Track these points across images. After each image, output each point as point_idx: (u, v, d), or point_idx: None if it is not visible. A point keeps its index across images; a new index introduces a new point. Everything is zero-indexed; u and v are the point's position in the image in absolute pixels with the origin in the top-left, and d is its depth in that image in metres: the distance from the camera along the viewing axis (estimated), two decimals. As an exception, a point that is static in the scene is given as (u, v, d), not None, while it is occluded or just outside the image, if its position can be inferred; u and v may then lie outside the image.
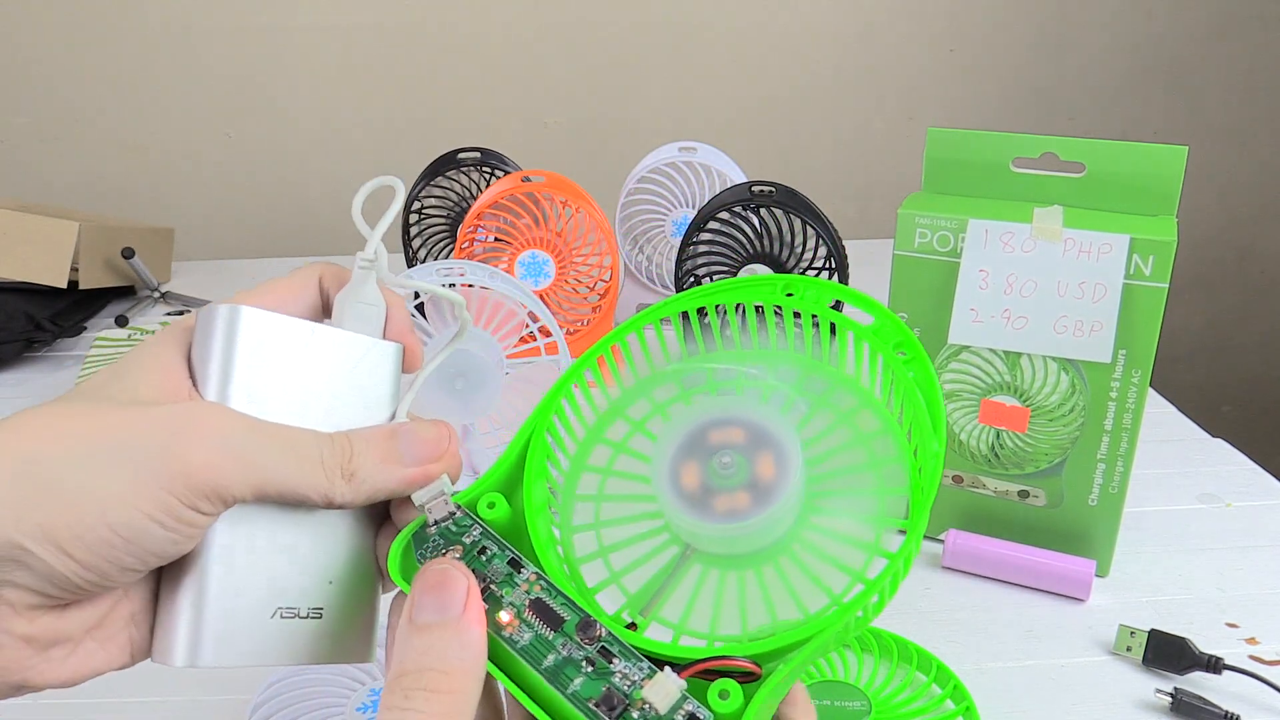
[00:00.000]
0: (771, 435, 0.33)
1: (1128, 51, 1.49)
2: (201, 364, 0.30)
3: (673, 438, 0.33)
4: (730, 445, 0.33)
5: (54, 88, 1.37)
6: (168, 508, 0.27)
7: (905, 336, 0.33)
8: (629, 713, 0.28)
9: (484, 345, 0.64)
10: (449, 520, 0.32)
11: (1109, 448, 0.59)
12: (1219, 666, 0.52)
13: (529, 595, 0.30)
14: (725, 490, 0.32)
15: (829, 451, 0.33)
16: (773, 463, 0.32)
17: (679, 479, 0.32)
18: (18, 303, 0.97)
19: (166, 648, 0.29)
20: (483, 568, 0.31)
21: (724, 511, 0.32)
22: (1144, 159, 0.57)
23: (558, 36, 1.42)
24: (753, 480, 0.32)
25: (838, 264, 0.80)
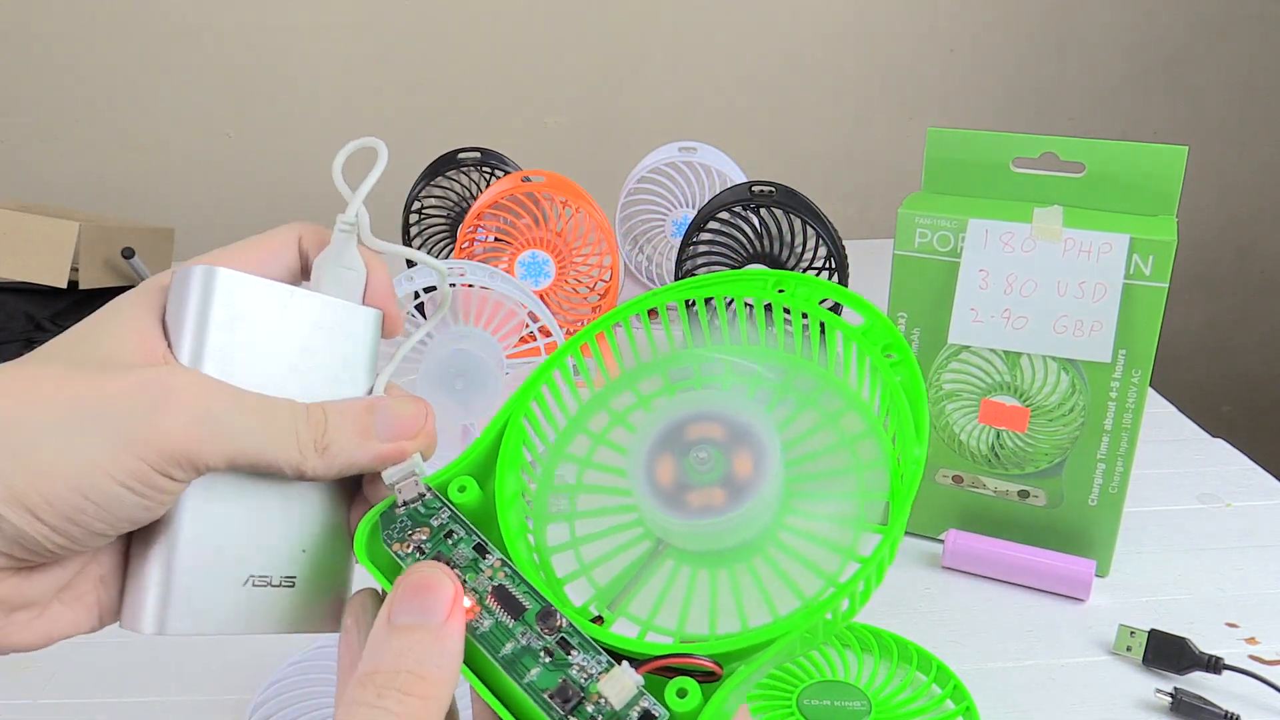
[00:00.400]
0: (751, 433, 0.32)
1: (1128, 51, 1.49)
2: (175, 326, 0.29)
3: (651, 431, 0.33)
4: (708, 440, 0.32)
5: (54, 88, 1.37)
6: (139, 474, 0.27)
7: (894, 339, 0.33)
8: (584, 706, 0.28)
9: (484, 345, 0.64)
10: (418, 502, 0.32)
11: (1109, 448, 0.59)
12: (1219, 666, 0.52)
13: (492, 582, 0.30)
14: (700, 486, 0.31)
15: (811, 453, 0.33)
16: (750, 460, 0.31)
17: (654, 473, 0.32)
18: (17, 303, 0.97)
19: (135, 615, 0.29)
20: (448, 551, 0.31)
21: (698, 507, 0.31)
22: (1144, 159, 0.57)
23: (558, 36, 1.42)
24: (728, 477, 0.31)
25: (838, 264, 0.80)
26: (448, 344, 0.63)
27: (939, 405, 0.63)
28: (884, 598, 0.60)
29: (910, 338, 0.62)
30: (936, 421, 0.63)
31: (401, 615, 0.28)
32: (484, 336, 0.65)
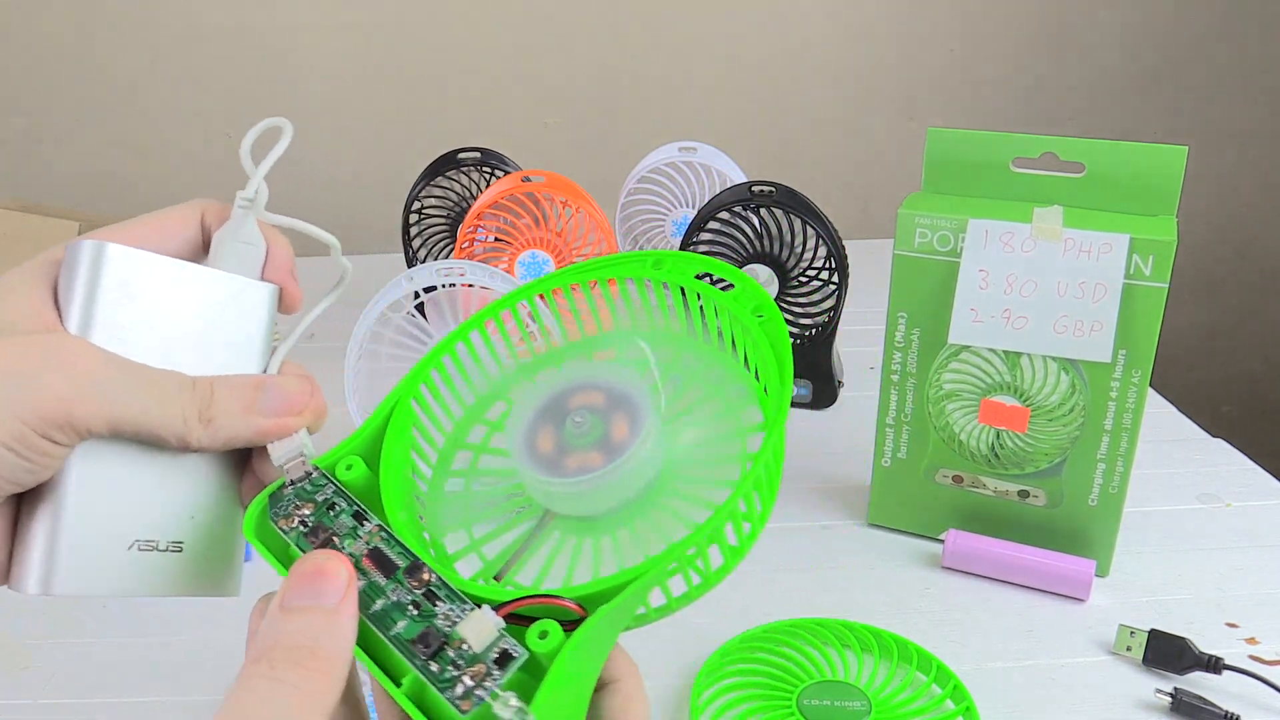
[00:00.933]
0: (628, 397, 0.33)
1: (1128, 51, 1.49)
2: (66, 299, 0.30)
3: (532, 402, 0.34)
4: (587, 407, 0.33)
5: (54, 88, 1.37)
6: (21, 436, 0.27)
7: (763, 300, 0.35)
8: (445, 651, 0.28)
9: None
10: (304, 480, 0.32)
11: (1109, 447, 0.59)
12: (1219, 666, 0.52)
13: (368, 546, 0.30)
14: (578, 449, 0.32)
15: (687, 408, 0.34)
16: (626, 423, 0.32)
17: (535, 443, 0.33)
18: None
19: (21, 575, 0.30)
20: (329, 522, 0.31)
21: (574, 468, 0.32)
22: (1144, 159, 0.57)
23: (558, 37, 1.42)
24: (605, 439, 0.32)
25: (838, 264, 0.80)
26: None
27: (939, 405, 0.63)
28: (884, 597, 0.60)
29: (910, 338, 0.62)
30: (936, 421, 0.63)
31: (295, 599, 0.28)
32: None
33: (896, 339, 0.63)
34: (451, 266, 0.64)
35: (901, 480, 0.65)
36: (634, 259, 0.37)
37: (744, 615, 0.59)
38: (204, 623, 0.59)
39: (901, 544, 0.66)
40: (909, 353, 0.63)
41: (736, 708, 0.50)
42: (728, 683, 0.52)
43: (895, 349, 0.63)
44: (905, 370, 0.63)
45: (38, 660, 0.55)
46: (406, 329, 0.64)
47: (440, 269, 0.64)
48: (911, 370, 0.63)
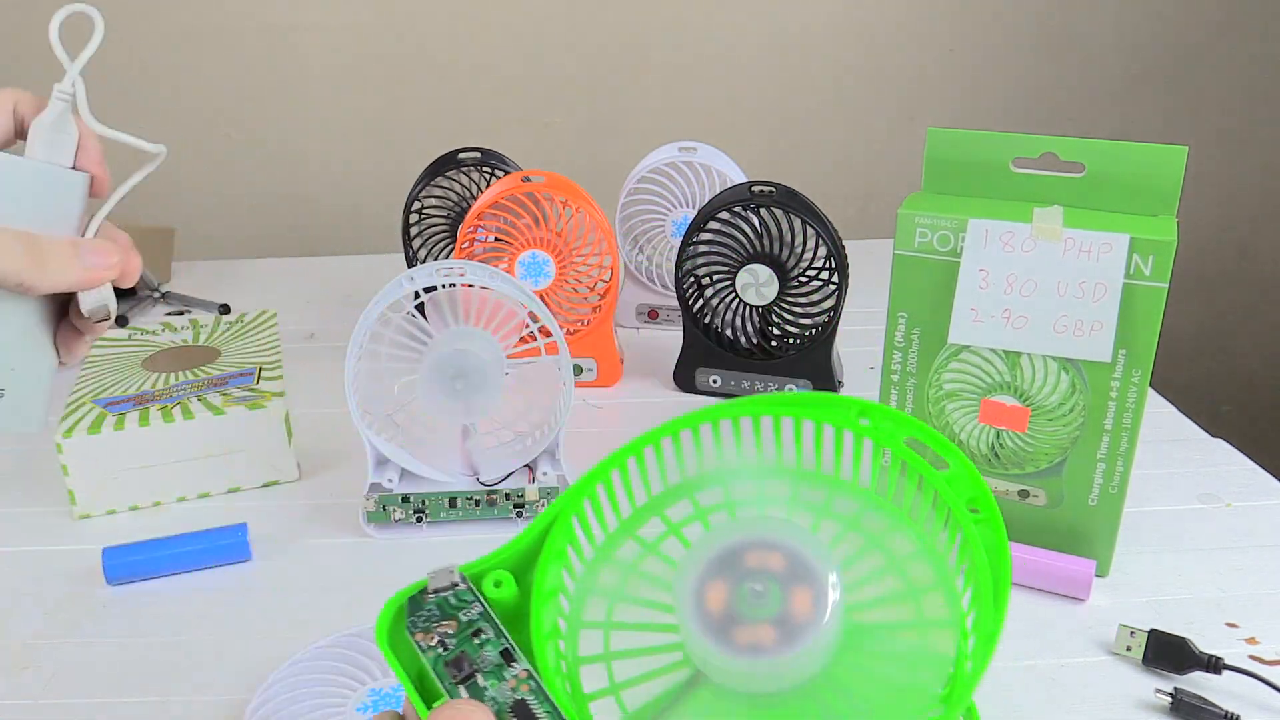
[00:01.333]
0: (813, 569, 0.29)
1: (1128, 51, 1.49)
2: None
3: (706, 550, 0.30)
4: (766, 571, 0.29)
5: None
6: None
7: (981, 492, 0.31)
8: None
9: (484, 345, 0.64)
10: (449, 591, 0.31)
11: (1109, 447, 0.59)
12: (1219, 666, 0.52)
13: (515, 694, 0.29)
14: (751, 621, 0.29)
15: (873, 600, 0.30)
16: (810, 599, 0.29)
17: (704, 598, 0.29)
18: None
19: None
20: (474, 652, 0.30)
21: (745, 645, 0.28)
22: (1144, 159, 0.57)
23: (558, 37, 1.42)
24: (784, 615, 0.29)
25: (838, 264, 0.80)
26: (448, 344, 0.63)
27: (939, 405, 0.63)
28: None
29: (910, 337, 0.62)
30: (937, 421, 0.63)
31: None
32: (484, 337, 0.65)
33: (896, 339, 0.63)
34: (451, 266, 0.64)
35: (901, 480, 0.65)
36: (839, 405, 0.33)
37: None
38: (204, 622, 0.59)
39: (901, 544, 0.66)
40: (909, 352, 0.63)
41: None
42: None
43: (895, 349, 0.63)
44: (905, 370, 0.63)
45: (37, 660, 0.55)
46: (406, 329, 0.64)
47: (440, 269, 0.64)
48: (911, 370, 0.63)
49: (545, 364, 0.65)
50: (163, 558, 0.62)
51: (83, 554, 0.65)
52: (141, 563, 0.62)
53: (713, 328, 0.86)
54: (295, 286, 1.11)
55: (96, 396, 0.71)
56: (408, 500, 0.67)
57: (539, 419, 0.67)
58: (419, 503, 0.67)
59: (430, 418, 0.65)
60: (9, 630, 0.58)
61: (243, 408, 0.71)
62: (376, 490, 0.66)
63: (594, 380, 0.89)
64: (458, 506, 0.67)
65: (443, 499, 0.67)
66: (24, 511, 0.70)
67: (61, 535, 0.67)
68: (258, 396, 0.72)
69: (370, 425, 0.65)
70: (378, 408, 0.65)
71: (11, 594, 0.62)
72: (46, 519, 0.69)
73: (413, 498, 0.67)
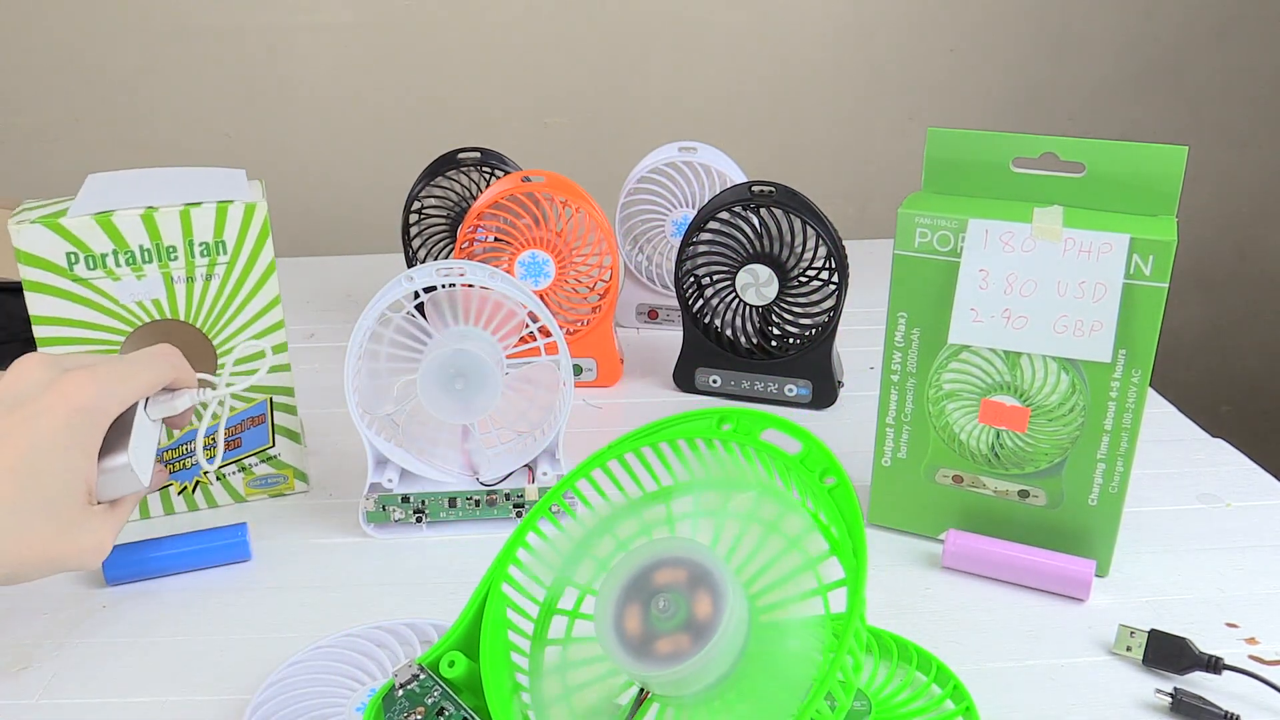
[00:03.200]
0: (708, 572, 0.33)
1: (1128, 51, 1.49)
2: None
3: (616, 580, 0.34)
4: (671, 586, 0.33)
5: (54, 88, 1.37)
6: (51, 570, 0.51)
7: (830, 464, 0.35)
8: None
9: (484, 345, 0.64)
10: (413, 683, 0.37)
11: (1109, 447, 0.59)
12: (1219, 666, 0.52)
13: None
14: (666, 633, 0.32)
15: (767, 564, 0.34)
16: (709, 601, 0.32)
17: (623, 625, 0.33)
18: (17, 305, 0.96)
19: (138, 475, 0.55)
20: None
21: (666, 654, 0.32)
22: (1144, 159, 0.57)
23: (558, 36, 1.42)
24: (690, 619, 0.32)
25: (837, 264, 0.80)
26: (448, 344, 0.63)
27: (939, 405, 0.63)
28: (883, 598, 0.60)
29: (910, 337, 0.62)
30: (936, 421, 0.63)
31: None
32: (484, 337, 0.65)
33: (896, 339, 0.63)
34: (451, 266, 0.64)
35: (901, 480, 0.65)
36: (700, 417, 0.39)
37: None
38: (204, 623, 0.59)
39: (901, 544, 0.66)
40: (909, 353, 0.63)
41: (736, 708, 0.50)
42: (728, 683, 0.52)
43: (895, 349, 0.63)
44: (905, 370, 0.63)
45: (38, 660, 0.55)
46: (406, 329, 0.64)
47: (440, 269, 0.64)
48: (911, 370, 0.63)
49: (545, 364, 0.65)
50: (163, 558, 0.62)
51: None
52: (141, 563, 0.62)
53: (713, 328, 0.86)
54: (295, 286, 1.11)
55: None
56: (407, 500, 0.66)
57: (538, 419, 0.67)
58: (418, 503, 0.67)
59: (430, 418, 0.65)
60: (8, 630, 0.58)
61: (266, 496, 0.72)
62: (376, 490, 0.66)
63: (594, 380, 0.89)
64: (457, 506, 0.67)
65: (442, 499, 0.67)
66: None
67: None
68: (280, 479, 0.71)
69: (370, 425, 0.65)
70: (377, 408, 0.65)
71: (11, 594, 0.62)
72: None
73: (412, 498, 0.67)
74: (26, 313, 0.96)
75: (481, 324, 0.65)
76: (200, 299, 0.65)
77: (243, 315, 0.67)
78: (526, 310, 0.66)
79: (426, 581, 0.63)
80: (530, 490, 0.67)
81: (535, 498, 0.67)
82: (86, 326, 0.65)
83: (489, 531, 0.67)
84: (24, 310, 0.96)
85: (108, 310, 0.64)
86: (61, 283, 0.64)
